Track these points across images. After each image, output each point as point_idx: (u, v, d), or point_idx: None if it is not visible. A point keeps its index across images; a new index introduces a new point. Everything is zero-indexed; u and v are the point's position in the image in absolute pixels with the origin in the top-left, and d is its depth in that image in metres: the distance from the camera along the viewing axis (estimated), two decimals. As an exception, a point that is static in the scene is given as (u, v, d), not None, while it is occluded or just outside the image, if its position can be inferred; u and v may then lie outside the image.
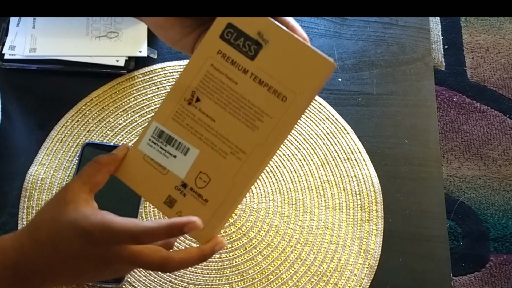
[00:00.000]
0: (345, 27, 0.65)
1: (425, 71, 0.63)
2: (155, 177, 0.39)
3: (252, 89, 0.37)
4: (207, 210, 0.38)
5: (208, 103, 0.37)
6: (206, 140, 0.38)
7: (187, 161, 0.38)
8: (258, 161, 0.37)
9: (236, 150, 0.37)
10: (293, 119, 0.37)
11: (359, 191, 0.57)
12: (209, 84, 0.37)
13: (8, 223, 0.54)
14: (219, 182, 0.38)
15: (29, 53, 0.59)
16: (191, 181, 0.38)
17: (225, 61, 0.37)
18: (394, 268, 0.54)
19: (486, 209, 1.12)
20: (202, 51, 0.37)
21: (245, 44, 0.36)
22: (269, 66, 0.36)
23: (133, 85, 0.60)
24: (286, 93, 0.36)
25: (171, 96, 0.38)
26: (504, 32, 1.29)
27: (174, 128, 0.38)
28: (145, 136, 0.39)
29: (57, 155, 0.57)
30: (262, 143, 0.37)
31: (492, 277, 1.06)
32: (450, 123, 1.19)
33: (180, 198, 0.38)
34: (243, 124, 0.37)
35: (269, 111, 0.37)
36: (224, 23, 0.37)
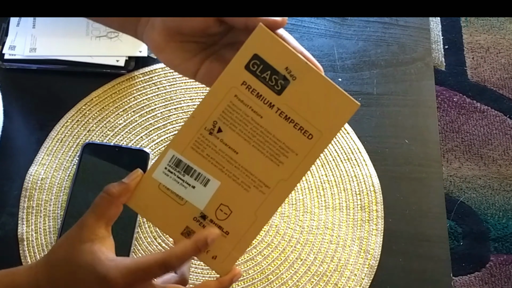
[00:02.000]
0: (345, 27, 0.65)
1: (425, 71, 0.63)
2: (171, 207, 0.37)
3: (277, 124, 0.36)
4: (228, 242, 0.38)
5: (231, 135, 0.37)
6: (228, 172, 0.37)
7: (207, 192, 0.37)
8: (281, 195, 0.37)
9: (260, 184, 0.37)
10: (316, 155, 0.37)
11: (359, 191, 0.57)
12: (232, 115, 0.36)
13: (8, 223, 0.54)
14: (241, 215, 0.37)
15: (29, 53, 0.59)
16: (211, 213, 0.37)
17: (250, 93, 0.36)
18: (394, 268, 0.54)
19: (486, 209, 1.11)
20: (226, 80, 0.36)
21: (271, 78, 0.36)
22: (296, 103, 0.36)
23: (133, 85, 0.60)
24: (312, 131, 0.36)
25: (190, 124, 0.37)
26: (505, 32, 1.29)
27: (193, 157, 0.37)
28: (160, 164, 0.37)
29: (57, 155, 0.57)
30: (286, 178, 0.37)
31: (492, 277, 1.05)
32: (450, 123, 1.19)
33: (199, 230, 0.37)
34: (268, 158, 0.37)
35: (294, 147, 0.37)
36: (250, 53, 0.35)
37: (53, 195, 0.55)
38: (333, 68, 0.63)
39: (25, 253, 0.53)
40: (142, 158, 0.56)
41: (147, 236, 0.54)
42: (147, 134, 0.58)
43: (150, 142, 0.58)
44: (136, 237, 0.54)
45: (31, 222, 0.54)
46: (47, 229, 0.54)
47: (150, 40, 0.37)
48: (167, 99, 0.60)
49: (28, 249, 0.53)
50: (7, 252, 0.53)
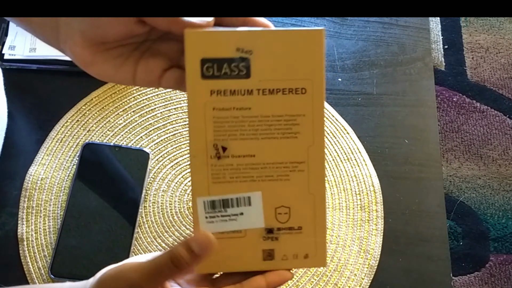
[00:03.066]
0: (345, 27, 0.65)
1: (425, 71, 0.63)
2: (237, 245, 0.35)
3: (268, 103, 0.34)
4: (307, 235, 0.36)
5: (236, 145, 0.35)
6: (259, 177, 0.35)
7: (256, 209, 0.35)
8: (319, 159, 0.35)
9: (294, 165, 0.35)
10: (321, 102, 0.35)
11: (359, 191, 0.57)
12: (224, 127, 0.34)
13: (8, 223, 0.54)
14: (299, 204, 0.36)
15: (29, 53, 0.59)
16: (274, 223, 0.36)
17: (224, 96, 0.34)
18: (394, 268, 0.54)
19: (486, 209, 1.12)
20: (194, 101, 0.34)
21: (231, 68, 0.34)
22: (268, 73, 0.34)
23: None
24: (302, 85, 0.34)
25: (196, 164, 0.35)
26: (504, 32, 1.29)
27: (221, 190, 0.35)
28: (198, 217, 0.35)
29: (57, 155, 0.57)
30: (311, 142, 0.35)
31: (492, 277, 1.06)
32: (450, 123, 1.19)
33: (276, 245, 0.36)
34: (283, 139, 0.35)
35: (298, 111, 0.34)
36: (197, 62, 0.33)
37: (53, 195, 0.55)
38: (333, 68, 0.63)
39: (25, 253, 0.53)
40: (142, 158, 0.56)
41: (147, 236, 0.54)
42: (147, 134, 0.58)
43: (150, 142, 0.58)
44: (136, 237, 0.54)
45: (31, 222, 0.54)
46: (47, 229, 0.54)
47: (75, 56, 0.34)
48: (167, 99, 0.60)
49: (28, 249, 0.53)
50: (7, 252, 0.53)
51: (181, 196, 0.56)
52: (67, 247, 0.52)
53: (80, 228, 0.53)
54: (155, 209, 0.55)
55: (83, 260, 0.52)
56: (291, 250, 0.36)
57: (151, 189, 0.56)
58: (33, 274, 0.52)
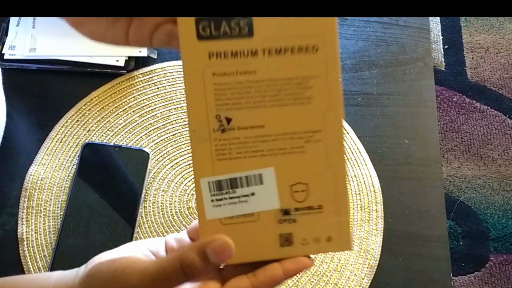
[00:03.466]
0: (345, 27, 0.65)
1: (425, 71, 0.63)
2: (249, 231, 0.31)
3: (275, 64, 0.30)
4: (328, 214, 0.31)
5: (243, 115, 0.30)
6: (270, 151, 0.31)
7: (269, 188, 0.31)
8: (337, 127, 0.31)
9: (309, 135, 0.31)
10: (336, 60, 0.30)
11: (359, 191, 0.57)
12: (227, 95, 0.30)
13: (7, 223, 0.54)
14: (317, 178, 0.31)
15: (29, 53, 0.59)
16: (290, 203, 0.31)
17: (224, 60, 0.30)
18: (394, 268, 0.54)
19: (486, 209, 1.12)
20: (190, 67, 0.30)
21: (231, 27, 0.29)
22: (274, 29, 0.30)
23: (133, 85, 0.60)
24: (312, 41, 0.30)
25: (196, 140, 0.30)
26: (504, 32, 1.29)
27: (228, 167, 0.31)
28: (203, 200, 0.31)
29: (57, 155, 0.57)
30: (327, 107, 0.30)
31: (492, 277, 1.06)
32: (450, 123, 1.19)
33: (294, 228, 0.31)
34: (295, 105, 0.30)
35: (310, 72, 0.30)
36: (190, 20, 0.29)
37: (53, 195, 0.55)
38: (333, 68, 0.63)
39: (25, 253, 0.53)
40: (142, 158, 0.56)
41: (147, 236, 0.54)
42: (147, 134, 0.58)
43: (150, 142, 0.58)
44: (136, 237, 0.54)
45: (31, 222, 0.54)
46: (47, 229, 0.54)
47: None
48: (167, 99, 0.60)
49: (28, 249, 0.53)
50: (7, 252, 0.53)
51: (181, 196, 0.56)
52: (67, 247, 0.52)
53: (80, 228, 0.53)
54: (155, 209, 0.55)
55: (83, 260, 0.51)
56: (312, 233, 0.31)
57: (151, 189, 0.56)
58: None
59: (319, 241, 0.32)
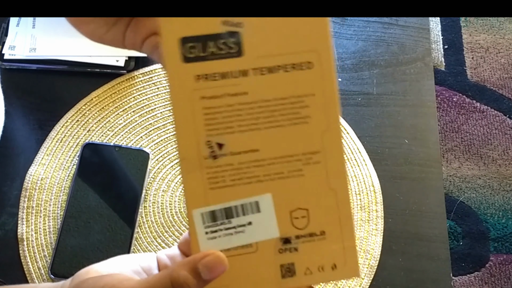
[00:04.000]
0: (345, 27, 0.65)
1: (425, 71, 0.63)
2: (248, 263, 0.29)
3: (268, 84, 0.28)
4: (332, 240, 0.29)
5: (235, 139, 0.28)
6: (267, 176, 0.29)
7: (267, 216, 0.29)
8: (337, 146, 0.29)
9: (308, 157, 0.29)
10: (332, 76, 0.29)
11: (359, 191, 0.57)
12: (217, 119, 0.28)
13: (7, 223, 0.54)
14: (319, 203, 0.29)
15: (29, 53, 0.59)
16: (290, 230, 0.29)
17: (213, 82, 0.28)
18: (394, 268, 0.54)
19: (486, 209, 1.12)
20: (177, 91, 0.28)
21: (218, 47, 0.28)
22: (265, 47, 0.28)
23: (133, 85, 0.60)
24: (307, 58, 0.28)
25: (187, 169, 0.28)
26: (504, 32, 1.29)
27: (222, 196, 0.29)
28: (197, 233, 0.29)
29: (57, 155, 0.57)
30: (326, 127, 0.29)
31: (492, 277, 1.06)
32: (450, 123, 1.19)
33: (296, 257, 0.29)
34: (290, 125, 0.29)
35: (305, 90, 0.28)
36: (175, 43, 0.28)
37: (53, 195, 0.55)
38: (333, 68, 0.63)
39: (25, 253, 0.53)
40: (142, 158, 0.56)
41: (147, 236, 0.54)
42: (147, 134, 0.58)
43: (150, 142, 0.58)
44: (136, 237, 0.54)
45: (31, 222, 0.54)
46: (47, 229, 0.54)
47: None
48: (167, 99, 0.60)
49: (28, 249, 0.53)
50: (7, 252, 0.53)
51: (181, 196, 0.56)
52: (67, 247, 0.52)
53: (80, 228, 0.53)
54: (155, 209, 0.55)
55: (83, 260, 0.52)
56: (315, 261, 0.29)
57: (151, 189, 0.56)
58: (33, 274, 0.52)
59: (324, 269, 0.30)
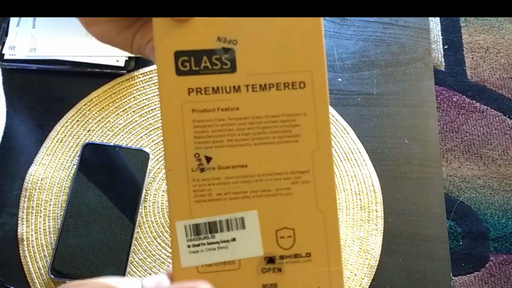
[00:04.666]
0: (344, 27, 0.65)
1: (425, 71, 0.63)
2: (229, 281, 0.28)
3: (260, 101, 0.28)
4: (318, 263, 0.29)
5: (224, 154, 0.28)
6: (254, 193, 0.28)
7: (252, 233, 0.28)
8: (327, 167, 0.29)
9: (296, 176, 0.29)
10: (324, 97, 0.29)
11: (359, 191, 0.57)
12: (207, 133, 0.28)
13: (8, 223, 0.54)
14: (306, 224, 0.29)
15: (29, 53, 0.59)
16: (275, 249, 0.28)
17: (205, 96, 0.28)
18: (394, 268, 0.54)
19: (486, 209, 1.12)
20: (168, 103, 0.28)
21: (212, 61, 0.28)
22: (258, 65, 0.28)
23: (133, 85, 0.60)
24: (300, 78, 0.29)
25: (173, 180, 0.28)
26: (504, 32, 1.29)
27: (207, 210, 0.28)
28: (179, 246, 0.28)
29: (57, 155, 0.57)
30: (316, 147, 0.29)
31: (492, 277, 1.06)
32: (450, 123, 1.19)
33: (279, 278, 0.28)
34: (280, 143, 0.28)
35: (297, 109, 0.28)
36: (170, 56, 0.28)
37: (53, 195, 0.55)
38: (333, 68, 0.63)
39: (25, 253, 0.53)
40: (142, 158, 0.56)
41: (147, 236, 0.54)
42: (147, 134, 0.58)
43: (150, 142, 0.58)
44: (136, 237, 0.54)
45: (31, 222, 0.54)
46: (47, 229, 0.54)
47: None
48: (167, 99, 0.60)
49: (28, 249, 0.53)
50: (7, 252, 0.53)
51: (181, 196, 0.56)
52: (67, 247, 0.52)
53: (80, 228, 0.53)
54: (155, 209, 0.55)
55: (83, 260, 0.52)
56: (299, 284, 0.29)
57: (151, 189, 0.56)
58: (33, 274, 0.52)
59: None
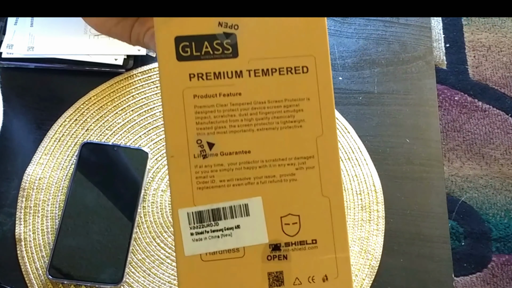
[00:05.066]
0: (345, 25, 0.65)
1: (427, 70, 0.63)
2: (234, 269, 0.28)
3: (262, 86, 0.28)
4: (324, 250, 0.28)
5: (226, 140, 0.28)
6: (258, 179, 0.28)
7: (257, 220, 0.28)
8: (332, 152, 0.28)
9: (301, 161, 0.28)
10: (328, 81, 0.29)
11: (360, 191, 0.56)
12: (209, 118, 0.28)
13: (5, 223, 0.54)
14: (311, 210, 0.28)
15: (27, 52, 0.58)
16: (280, 236, 0.28)
17: (206, 81, 0.28)
18: (395, 269, 0.54)
19: (488, 209, 1.11)
20: (169, 88, 0.28)
21: (214, 47, 0.28)
22: (261, 50, 0.28)
23: (132, 84, 0.60)
24: (303, 62, 0.28)
25: (174, 167, 0.28)
26: (506, 31, 1.28)
27: (210, 197, 0.28)
28: (182, 234, 0.28)
29: (55, 154, 0.56)
30: (320, 132, 0.28)
31: (494, 277, 1.05)
32: (451, 122, 1.18)
33: (285, 265, 0.28)
34: (284, 129, 0.28)
35: (300, 94, 0.28)
36: (170, 41, 0.28)
37: (51, 195, 0.55)
38: (334, 67, 0.62)
39: (23, 253, 0.52)
40: (141, 158, 0.55)
41: (146, 237, 0.54)
42: (146, 134, 0.58)
43: (149, 141, 0.57)
44: (134, 237, 0.53)
45: (28, 222, 0.53)
46: (45, 229, 0.53)
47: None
48: (166, 98, 0.59)
49: (26, 250, 0.52)
50: (4, 253, 0.53)
51: (180, 196, 0.56)
52: (65, 247, 0.52)
53: (78, 228, 0.52)
54: (154, 209, 0.55)
55: (82, 261, 0.51)
56: (305, 271, 0.28)
57: (150, 189, 0.55)
58: (31, 275, 0.52)
59: (314, 280, 0.28)
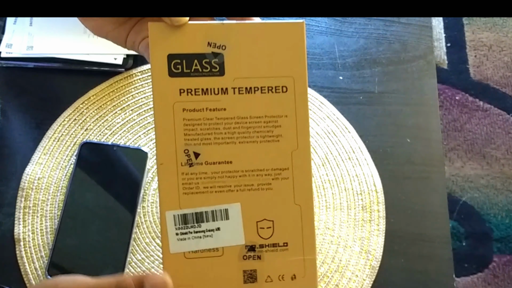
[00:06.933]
0: (346, 24, 0.65)
1: (428, 69, 0.62)
2: (213, 266, 0.32)
3: (245, 103, 0.31)
4: (294, 252, 0.32)
5: (211, 150, 0.31)
6: (237, 187, 0.32)
7: (235, 223, 0.32)
8: (305, 165, 0.32)
9: (276, 172, 0.32)
10: (305, 101, 0.32)
11: (361, 191, 0.56)
12: (196, 130, 0.31)
13: (4, 223, 0.53)
14: (284, 216, 0.32)
15: (26, 51, 0.58)
16: (255, 239, 0.32)
17: (195, 96, 0.31)
18: (396, 269, 0.54)
19: (489, 209, 1.11)
20: (161, 102, 0.31)
21: (203, 65, 0.31)
22: (245, 69, 0.31)
23: (131, 83, 0.59)
24: (282, 83, 0.32)
25: (164, 172, 0.31)
26: (507, 30, 1.28)
27: (194, 202, 0.31)
28: (168, 234, 0.31)
29: (54, 154, 0.56)
30: (295, 146, 0.32)
31: (495, 278, 1.05)
32: (452, 121, 1.18)
33: (258, 264, 0.32)
34: (263, 142, 0.32)
35: (279, 111, 0.32)
36: (163, 58, 0.31)
37: (50, 195, 0.54)
38: (334, 66, 0.62)
39: (22, 253, 0.52)
40: (140, 157, 0.55)
41: (145, 237, 0.53)
42: (145, 133, 0.57)
43: (148, 141, 0.57)
44: (134, 237, 0.53)
45: (27, 222, 0.53)
46: (44, 229, 0.53)
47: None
48: (166, 97, 0.59)
49: (25, 250, 0.52)
50: (3, 253, 0.52)
51: (180, 196, 0.55)
52: (64, 247, 0.52)
53: (77, 228, 0.52)
54: (153, 209, 0.54)
55: (81, 261, 0.51)
56: (276, 270, 0.32)
57: (149, 189, 0.55)
58: (30, 275, 0.51)
59: (284, 279, 0.32)
